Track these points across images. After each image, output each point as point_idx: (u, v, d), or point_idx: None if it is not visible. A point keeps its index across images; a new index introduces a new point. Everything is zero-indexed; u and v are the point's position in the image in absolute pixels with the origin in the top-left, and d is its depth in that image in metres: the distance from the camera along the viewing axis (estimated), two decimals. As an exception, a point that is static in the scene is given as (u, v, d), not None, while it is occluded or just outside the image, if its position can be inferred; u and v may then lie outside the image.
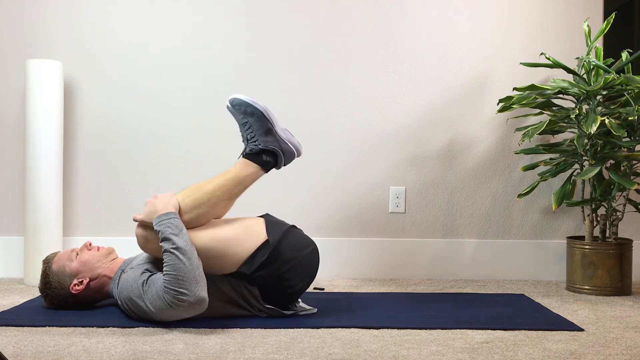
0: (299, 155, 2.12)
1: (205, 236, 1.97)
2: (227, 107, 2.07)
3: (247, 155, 2.05)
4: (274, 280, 2.00)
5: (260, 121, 2.03)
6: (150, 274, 1.96)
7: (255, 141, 2.04)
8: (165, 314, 1.89)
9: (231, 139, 2.87)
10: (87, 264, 2.09)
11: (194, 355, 1.66)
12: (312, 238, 2.55)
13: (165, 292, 1.85)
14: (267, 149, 2.04)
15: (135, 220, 1.99)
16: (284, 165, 2.09)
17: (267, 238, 2.00)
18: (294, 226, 2.11)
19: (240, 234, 2.00)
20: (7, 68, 2.86)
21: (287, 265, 2.00)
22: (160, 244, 1.90)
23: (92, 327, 1.93)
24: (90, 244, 2.16)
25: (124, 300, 1.99)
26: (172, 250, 1.87)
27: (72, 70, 2.86)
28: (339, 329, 1.94)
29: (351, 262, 2.87)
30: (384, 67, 2.89)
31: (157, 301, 1.88)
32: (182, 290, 1.84)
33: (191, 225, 1.98)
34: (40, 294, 2.16)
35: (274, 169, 2.10)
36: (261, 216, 2.15)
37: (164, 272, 1.87)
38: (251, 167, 2.04)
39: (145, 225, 1.98)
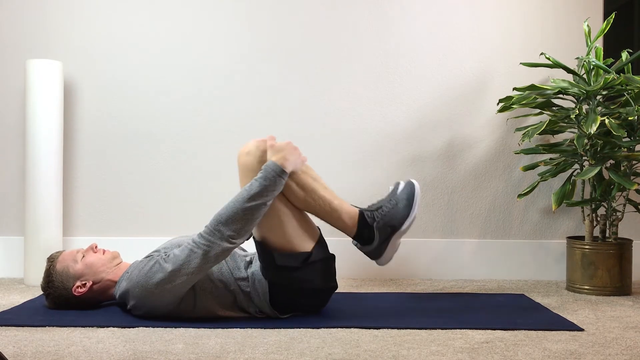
0: (379, 265, 2.14)
1: (285, 208, 2.00)
2: (408, 181, 2.11)
3: (365, 212, 2.08)
4: (287, 286, 2.00)
5: (401, 217, 2.06)
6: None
7: (380, 219, 2.06)
8: (193, 261, 1.89)
9: (231, 138, 2.87)
10: (92, 267, 2.09)
11: (194, 355, 1.66)
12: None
13: (212, 233, 1.88)
14: (374, 227, 2.06)
15: (271, 141, 2.00)
16: (363, 252, 2.11)
17: (311, 251, 2.01)
18: (333, 256, 2.12)
19: (301, 229, 2.02)
20: (7, 68, 2.86)
21: (307, 284, 2.01)
22: (254, 179, 1.92)
23: (92, 327, 1.93)
24: (96, 246, 2.15)
25: (132, 292, 1.97)
26: (250, 197, 1.89)
27: (72, 70, 2.86)
28: (339, 329, 1.94)
29: (351, 262, 2.87)
30: (384, 67, 2.89)
31: (174, 256, 1.90)
32: (230, 232, 1.88)
33: (286, 191, 2.01)
34: (42, 292, 2.16)
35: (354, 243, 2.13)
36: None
37: (222, 210, 1.91)
38: (350, 221, 2.07)
39: (264, 148, 2.00)
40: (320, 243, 2.07)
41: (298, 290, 2.00)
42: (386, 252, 2.10)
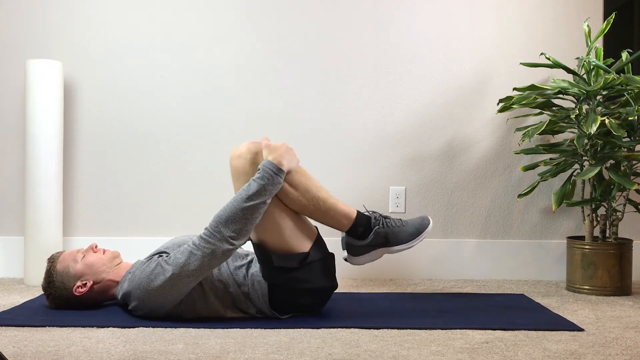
0: (349, 262, 2.15)
1: (280, 209, 2.00)
2: (425, 216, 2.16)
3: (364, 215, 2.09)
4: (286, 287, 2.00)
5: (397, 239, 2.10)
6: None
7: (378, 226, 2.09)
8: (196, 260, 1.89)
9: (231, 139, 2.87)
10: (92, 267, 2.09)
11: (194, 355, 1.66)
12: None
13: (212, 235, 1.88)
14: (373, 229, 2.08)
15: (266, 141, 2.00)
16: (347, 249, 2.12)
17: (308, 251, 2.01)
18: (333, 255, 2.12)
19: (298, 229, 2.02)
20: (7, 68, 2.86)
21: (306, 284, 2.01)
22: (252, 179, 1.92)
23: (92, 327, 1.93)
24: (96, 246, 2.14)
25: (133, 294, 1.98)
26: (248, 196, 1.89)
27: (72, 70, 2.86)
28: (339, 329, 1.94)
29: (351, 262, 2.87)
30: (384, 67, 2.89)
31: (174, 258, 1.90)
32: (230, 233, 1.88)
33: (280, 192, 2.00)
34: (43, 292, 2.16)
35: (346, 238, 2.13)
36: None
37: (221, 210, 1.90)
38: (346, 219, 2.08)
39: (258, 150, 2.00)
40: (318, 243, 2.07)
41: (297, 291, 2.00)
42: (366, 256, 2.13)
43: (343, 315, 2.10)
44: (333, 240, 2.78)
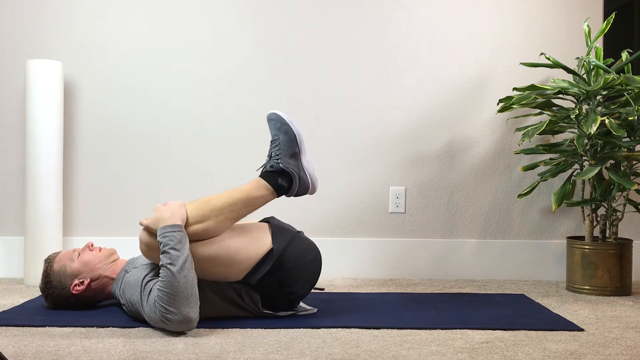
0: (313, 191, 2.08)
1: (211, 246, 1.95)
2: (267, 117, 2.06)
3: (265, 173, 2.03)
4: (275, 286, 2.00)
5: (290, 142, 2.02)
6: (150, 279, 1.95)
7: (278, 159, 2.02)
8: (157, 325, 1.88)
9: (231, 138, 2.87)
10: (88, 264, 2.09)
11: (194, 355, 1.66)
12: (311, 238, 2.56)
13: (155, 306, 1.84)
14: (285, 171, 2.01)
15: (141, 224, 1.96)
16: (295, 195, 2.05)
17: (272, 247, 1.99)
18: (299, 232, 2.10)
19: (246, 242, 1.98)
20: (7, 68, 2.86)
21: (290, 272, 2.00)
22: (160, 255, 1.88)
23: (92, 327, 1.93)
24: (92, 245, 2.15)
25: (127, 301, 2.00)
26: (168, 266, 1.83)
27: (72, 70, 2.86)
28: (339, 329, 1.94)
29: (351, 262, 2.87)
30: (384, 67, 2.89)
31: (151, 313, 1.87)
32: (170, 308, 1.81)
33: (195, 238, 1.94)
34: (41, 293, 2.16)
35: (284, 196, 2.06)
36: (266, 219, 2.14)
37: (158, 287, 1.84)
38: (264, 189, 2.01)
39: (150, 231, 1.94)
40: (275, 231, 2.04)
41: (287, 281, 1.99)
42: (308, 175, 2.05)
43: (343, 315, 2.10)
44: (334, 240, 2.78)
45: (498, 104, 2.73)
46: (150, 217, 1.95)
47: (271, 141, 2.05)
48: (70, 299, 2.10)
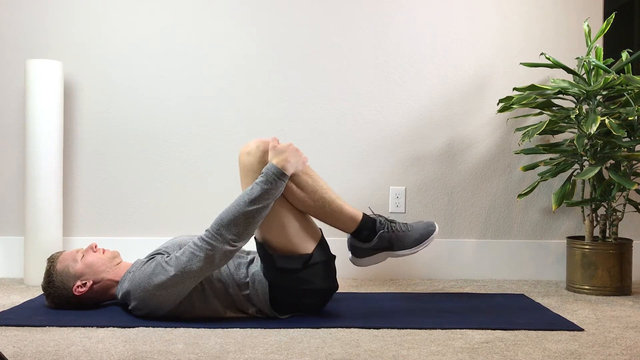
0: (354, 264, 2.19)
1: (286, 209, 2.01)
2: (426, 220, 2.22)
3: (369, 217, 2.11)
4: (287, 287, 2.00)
5: (403, 241, 2.11)
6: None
7: (393, 231, 2.10)
8: (184, 266, 1.88)
9: (231, 139, 2.87)
10: (92, 266, 2.09)
11: (194, 355, 1.66)
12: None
13: (204, 239, 1.89)
14: (382, 237, 2.09)
15: (274, 142, 1.99)
16: (351, 248, 2.15)
17: (312, 253, 2.02)
18: (334, 257, 2.13)
19: (302, 230, 2.02)
20: (7, 68, 2.86)
21: (308, 285, 2.01)
22: (256, 182, 1.92)
23: (92, 327, 1.93)
24: (95, 246, 2.14)
25: (133, 294, 1.97)
26: (251, 200, 1.89)
27: (72, 70, 2.86)
28: (339, 329, 1.94)
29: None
30: (384, 67, 2.89)
31: (182, 256, 1.90)
32: (226, 234, 1.88)
33: (286, 192, 2.01)
34: (42, 292, 2.16)
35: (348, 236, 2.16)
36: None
37: (228, 209, 1.90)
38: (351, 222, 2.09)
39: (266, 148, 1.99)
40: (322, 244, 2.07)
41: (298, 291, 2.00)
42: (370, 258, 2.15)
43: (343, 315, 2.10)
44: (336, 240, 2.78)
45: (498, 104, 2.73)
46: (282, 149, 1.98)
47: (407, 224, 2.14)
48: (72, 300, 2.09)
